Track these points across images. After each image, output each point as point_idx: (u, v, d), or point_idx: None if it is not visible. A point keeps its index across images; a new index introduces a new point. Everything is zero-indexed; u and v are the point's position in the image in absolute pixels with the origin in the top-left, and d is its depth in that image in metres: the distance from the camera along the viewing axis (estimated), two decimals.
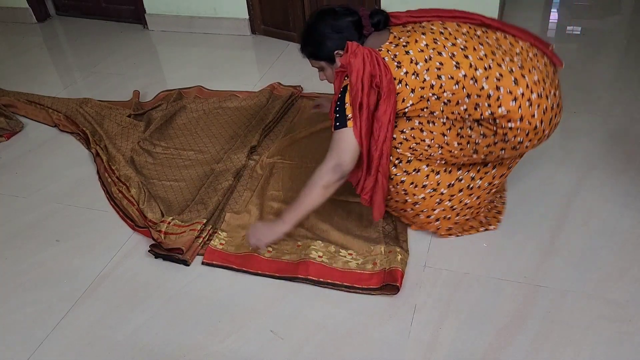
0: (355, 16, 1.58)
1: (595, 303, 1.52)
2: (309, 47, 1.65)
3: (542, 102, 1.52)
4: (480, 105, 1.49)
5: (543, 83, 1.53)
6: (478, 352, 1.42)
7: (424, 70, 1.49)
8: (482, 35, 1.57)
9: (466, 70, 1.48)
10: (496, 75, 1.48)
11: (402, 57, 1.49)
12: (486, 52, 1.51)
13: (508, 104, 1.48)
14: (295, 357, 1.45)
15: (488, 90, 1.48)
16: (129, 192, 2.03)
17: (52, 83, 3.00)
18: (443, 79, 1.48)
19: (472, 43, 1.52)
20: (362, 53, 1.49)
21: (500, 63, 1.50)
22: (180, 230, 1.82)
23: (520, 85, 1.49)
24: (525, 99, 1.49)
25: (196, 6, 3.45)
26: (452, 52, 1.49)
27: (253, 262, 1.72)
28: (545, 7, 3.60)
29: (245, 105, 2.58)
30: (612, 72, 2.72)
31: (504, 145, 1.55)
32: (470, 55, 1.49)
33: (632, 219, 1.79)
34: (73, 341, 1.54)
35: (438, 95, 1.50)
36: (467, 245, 1.75)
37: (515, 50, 1.56)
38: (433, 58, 1.48)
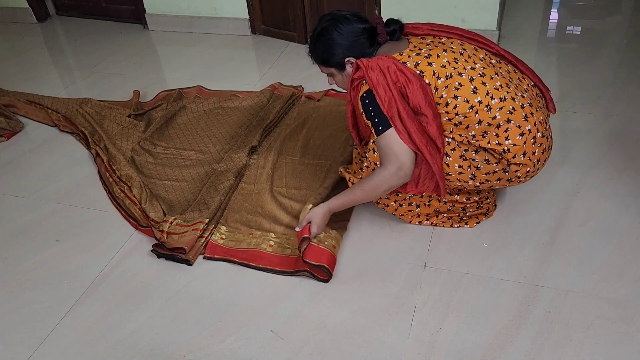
0: (367, 24, 1.56)
1: (596, 303, 1.52)
2: (318, 52, 1.62)
3: (544, 142, 1.55)
4: (488, 133, 1.50)
5: (545, 124, 1.56)
6: (478, 352, 1.42)
7: (443, 87, 1.48)
8: (497, 65, 1.58)
9: (482, 97, 1.48)
10: (509, 108, 1.49)
11: (424, 67, 1.48)
12: (502, 84, 1.51)
13: (515, 137, 1.50)
14: (296, 357, 1.45)
15: (499, 120, 1.49)
16: (131, 192, 2.03)
17: (52, 83, 3.00)
18: (459, 100, 1.48)
19: (489, 71, 1.52)
20: (377, 65, 1.46)
21: (514, 97, 1.51)
22: (182, 230, 1.82)
23: (529, 122, 1.51)
24: (532, 136, 1.52)
25: (196, 6, 3.45)
26: (471, 76, 1.49)
27: (255, 256, 1.74)
28: (545, 7, 3.60)
29: (246, 105, 2.58)
30: (612, 72, 2.72)
31: (502, 175, 1.58)
32: (487, 83, 1.50)
33: (632, 218, 1.79)
34: (73, 341, 1.54)
35: (450, 117, 1.50)
36: (467, 245, 1.75)
37: (523, 87, 1.58)
38: (453, 77, 1.48)
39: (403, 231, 1.82)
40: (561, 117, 2.36)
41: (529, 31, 3.22)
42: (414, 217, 1.80)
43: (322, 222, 1.66)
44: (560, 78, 2.69)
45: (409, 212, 1.78)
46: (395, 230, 1.83)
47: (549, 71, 2.75)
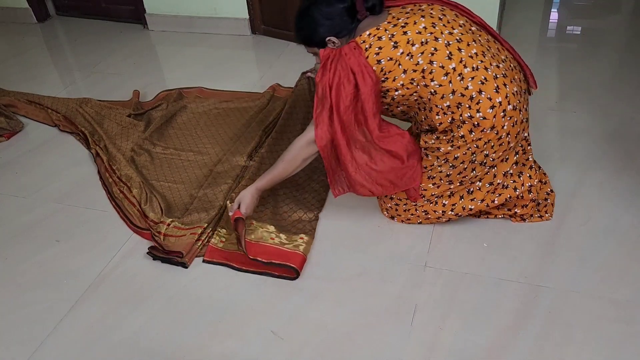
0: (347, 2, 1.57)
1: (596, 303, 1.52)
2: (301, 32, 1.65)
3: (515, 115, 1.55)
4: (462, 105, 1.51)
5: (519, 96, 1.56)
6: (479, 352, 1.42)
7: (419, 53, 1.50)
8: (476, 32, 1.58)
9: (456, 64, 1.50)
10: (481, 78, 1.50)
11: (399, 37, 1.51)
12: (477, 51, 1.52)
13: (486, 110, 1.51)
14: (296, 357, 1.45)
15: (472, 91, 1.50)
16: (130, 192, 2.03)
17: (52, 83, 3.00)
18: (435, 65, 1.50)
19: (467, 37, 1.53)
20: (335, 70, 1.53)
21: (488, 67, 1.51)
22: (180, 233, 1.82)
23: (500, 94, 1.51)
24: (502, 109, 1.52)
25: (196, 6, 3.45)
26: (447, 41, 1.51)
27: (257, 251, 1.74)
28: (545, 7, 3.60)
29: (246, 106, 2.58)
30: (611, 72, 2.72)
31: (473, 165, 1.62)
32: (463, 50, 1.51)
33: (633, 218, 1.79)
34: (73, 341, 1.54)
35: (426, 83, 1.52)
36: (467, 245, 1.75)
37: (501, 57, 1.58)
38: (429, 42, 1.50)
39: (403, 231, 1.82)
40: (561, 117, 2.36)
41: (529, 31, 3.22)
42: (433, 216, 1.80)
43: (251, 202, 1.74)
44: (560, 78, 2.69)
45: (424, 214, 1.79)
46: (395, 230, 1.82)
47: (549, 71, 2.75)
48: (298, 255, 1.70)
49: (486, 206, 1.74)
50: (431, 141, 1.62)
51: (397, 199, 1.79)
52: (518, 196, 1.73)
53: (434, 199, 1.74)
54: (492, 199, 1.73)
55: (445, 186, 1.70)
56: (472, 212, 1.75)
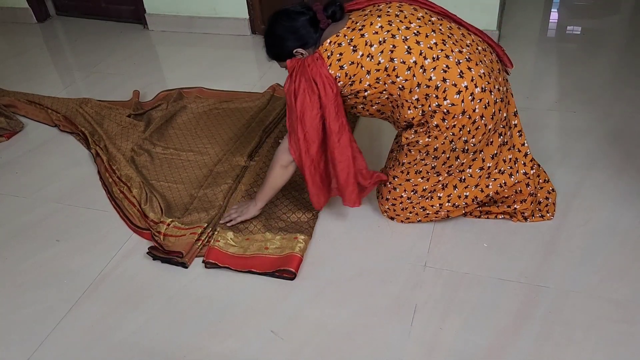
0: (310, 12, 1.61)
1: (596, 303, 1.52)
2: (270, 49, 1.70)
3: (485, 97, 1.54)
4: (430, 95, 1.53)
5: (488, 77, 1.56)
6: (479, 352, 1.42)
7: (378, 53, 1.52)
8: (437, 22, 1.59)
9: (416, 57, 1.51)
10: (443, 67, 1.51)
11: (357, 41, 1.53)
12: (437, 41, 1.53)
13: (452, 96, 1.52)
14: (296, 357, 1.45)
15: (436, 81, 1.51)
16: (130, 192, 2.03)
17: (52, 83, 3.00)
18: (396, 61, 1.52)
19: (425, 29, 1.55)
20: (299, 81, 1.56)
21: (449, 54, 1.53)
22: (180, 233, 1.82)
23: (465, 79, 1.52)
24: (469, 93, 1.52)
25: (196, 6, 3.45)
26: (405, 36, 1.52)
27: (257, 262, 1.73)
28: (545, 7, 3.60)
29: (246, 107, 2.58)
30: (611, 72, 2.72)
31: (455, 154, 1.62)
32: (421, 42, 1.52)
33: (633, 218, 1.79)
34: (73, 341, 1.54)
35: (393, 80, 1.54)
36: (467, 245, 1.75)
37: (466, 42, 1.59)
38: (387, 40, 1.52)
39: (403, 231, 1.82)
40: (561, 116, 2.36)
41: (529, 31, 3.22)
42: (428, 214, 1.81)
43: (249, 216, 1.85)
44: (560, 78, 2.69)
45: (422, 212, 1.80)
46: (395, 231, 1.82)
47: (548, 71, 2.75)
48: (294, 257, 1.69)
49: (481, 191, 1.73)
50: (411, 136, 1.64)
51: (392, 200, 1.79)
52: (514, 184, 1.73)
53: (427, 194, 1.74)
54: (487, 184, 1.73)
55: (434, 178, 1.71)
56: (468, 200, 1.75)
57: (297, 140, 1.62)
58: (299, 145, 1.62)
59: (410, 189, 1.75)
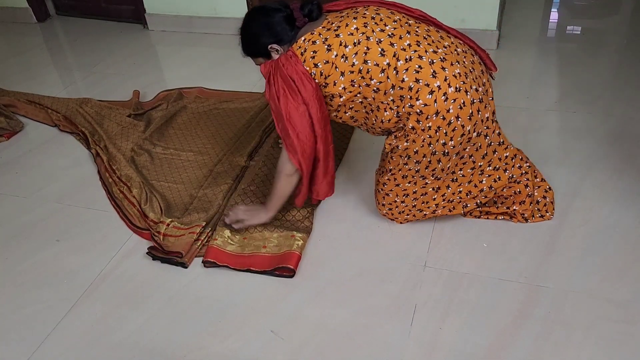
0: (287, 10, 1.61)
1: (596, 303, 1.52)
2: (245, 45, 1.70)
3: (460, 97, 1.52)
4: (404, 97, 1.53)
5: (464, 77, 1.53)
6: (478, 352, 1.42)
7: (353, 54, 1.52)
8: (413, 25, 1.59)
9: (390, 59, 1.51)
10: (415, 68, 1.51)
11: (332, 40, 1.53)
12: (410, 42, 1.53)
13: (425, 96, 1.51)
14: (296, 357, 1.45)
15: (409, 82, 1.51)
16: (130, 192, 2.03)
17: (52, 83, 3.00)
18: (369, 63, 1.51)
19: (400, 31, 1.54)
20: (277, 82, 1.57)
21: (422, 55, 1.52)
22: (179, 233, 1.82)
23: (438, 79, 1.51)
24: (442, 93, 1.51)
25: (196, 6, 3.45)
26: (379, 38, 1.52)
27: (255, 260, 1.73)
28: (545, 7, 3.60)
29: (246, 107, 2.58)
30: (611, 72, 2.72)
31: (436, 157, 1.61)
32: (395, 44, 1.52)
33: (633, 218, 1.79)
34: (73, 341, 1.54)
35: (367, 82, 1.54)
36: (467, 245, 1.75)
37: (443, 43, 1.58)
38: (361, 42, 1.52)
39: (403, 231, 1.82)
40: (561, 117, 2.36)
41: (529, 31, 3.22)
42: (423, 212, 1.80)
43: (257, 223, 1.81)
44: (560, 78, 2.69)
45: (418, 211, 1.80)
46: (395, 231, 1.83)
47: (548, 71, 2.75)
48: (293, 255, 1.70)
49: (474, 186, 1.74)
50: (393, 142, 1.64)
51: (388, 205, 1.79)
52: (509, 178, 1.74)
53: (419, 196, 1.74)
54: (480, 179, 1.73)
55: (420, 182, 1.70)
56: (462, 194, 1.75)
57: (291, 143, 1.60)
58: (295, 148, 1.60)
59: (401, 193, 1.74)
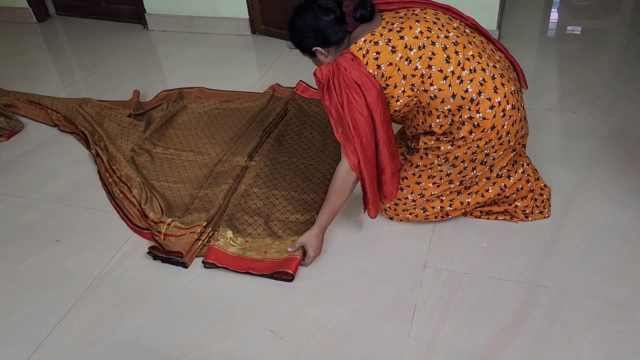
0: (337, 12, 1.54)
1: (596, 303, 1.52)
2: (292, 39, 1.65)
3: (514, 114, 1.55)
4: (463, 107, 1.52)
5: (517, 95, 1.57)
6: (478, 352, 1.42)
7: (417, 58, 1.49)
8: (470, 35, 1.59)
9: (454, 67, 1.50)
10: (480, 80, 1.50)
11: (396, 42, 1.50)
12: (474, 53, 1.52)
13: (486, 111, 1.51)
14: (296, 357, 1.45)
15: (472, 94, 1.50)
16: (130, 192, 2.03)
17: (52, 83, 3.00)
18: (433, 69, 1.49)
19: (462, 40, 1.53)
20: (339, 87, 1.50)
21: (485, 68, 1.52)
22: (180, 233, 1.82)
23: (499, 94, 1.51)
24: (501, 109, 1.52)
25: (196, 6, 3.45)
26: (444, 45, 1.50)
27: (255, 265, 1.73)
28: (545, 7, 3.60)
29: (247, 107, 2.58)
30: (612, 72, 2.72)
31: (474, 164, 1.62)
32: (460, 52, 1.51)
33: (632, 218, 1.79)
34: (73, 341, 1.54)
35: (426, 88, 1.52)
36: (467, 245, 1.75)
37: (496, 57, 1.58)
38: (426, 47, 1.50)
39: (403, 231, 1.82)
40: (561, 117, 2.36)
41: (529, 31, 3.22)
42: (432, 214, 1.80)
43: (318, 243, 1.69)
44: (560, 78, 2.68)
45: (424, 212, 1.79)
46: (395, 230, 1.83)
47: (549, 71, 2.75)
48: (293, 259, 1.68)
49: (481, 196, 1.74)
50: (431, 142, 1.62)
51: (396, 199, 1.79)
52: (514, 183, 1.74)
53: (433, 198, 1.74)
54: (486, 189, 1.74)
55: (445, 186, 1.70)
56: (470, 206, 1.75)
57: (354, 150, 1.55)
58: (357, 154, 1.55)
59: (418, 192, 1.74)
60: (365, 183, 1.62)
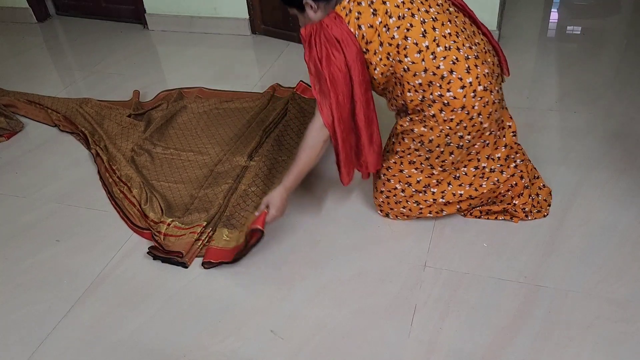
0: None
1: (596, 303, 1.52)
2: None
3: (486, 96, 1.55)
4: (433, 83, 1.52)
5: (491, 77, 1.57)
6: (478, 352, 1.42)
7: (395, 27, 1.51)
8: (453, 13, 1.59)
9: (430, 42, 1.51)
10: (453, 59, 1.51)
11: (378, 6, 1.52)
12: (451, 31, 1.53)
13: (456, 90, 1.52)
14: (295, 357, 1.45)
15: (443, 71, 1.51)
16: (130, 192, 2.03)
17: (52, 83, 3.00)
18: (409, 41, 1.51)
19: (442, 17, 1.54)
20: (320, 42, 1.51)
21: (460, 47, 1.52)
22: (180, 233, 1.82)
23: (471, 75, 1.52)
24: (472, 89, 1.53)
25: (196, 6, 3.45)
26: (423, 18, 1.52)
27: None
28: (545, 7, 3.60)
29: (247, 107, 2.58)
30: (612, 72, 2.72)
31: (450, 149, 1.62)
32: (437, 29, 1.52)
33: (632, 218, 1.79)
34: (73, 341, 1.54)
35: (400, 59, 1.53)
36: (467, 245, 1.75)
37: (475, 40, 1.59)
38: (406, 17, 1.51)
39: (403, 231, 1.82)
40: (561, 117, 2.36)
41: (529, 31, 3.22)
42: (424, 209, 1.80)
43: (282, 204, 1.69)
44: (560, 78, 2.68)
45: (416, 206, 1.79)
46: (395, 230, 1.83)
47: (549, 71, 2.75)
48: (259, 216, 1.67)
49: (475, 190, 1.74)
50: (406, 124, 1.64)
51: (387, 192, 1.79)
52: (508, 179, 1.74)
53: (421, 187, 1.75)
54: (480, 183, 1.74)
55: (427, 170, 1.71)
56: (463, 197, 1.75)
57: (329, 106, 1.56)
58: (332, 111, 1.57)
59: (404, 180, 1.75)
60: (338, 143, 1.62)
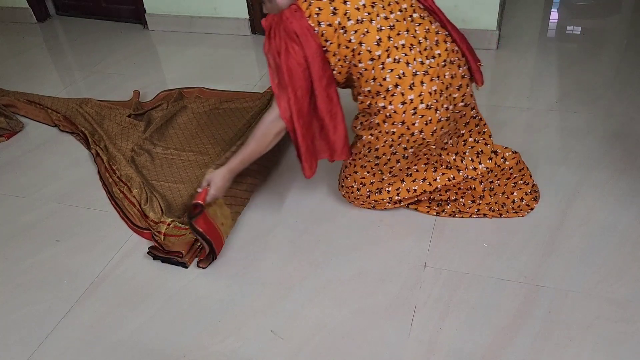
0: None
1: (596, 303, 1.52)
2: None
3: (429, 114, 1.54)
4: (379, 93, 1.53)
5: (438, 95, 1.54)
6: (478, 352, 1.42)
7: (352, 31, 1.50)
8: (416, 21, 1.55)
9: (382, 52, 1.50)
10: (399, 72, 1.50)
11: (338, 5, 1.49)
12: (405, 43, 1.51)
13: (397, 104, 1.52)
14: (295, 357, 1.45)
15: (389, 84, 1.51)
16: (130, 192, 2.03)
17: (52, 83, 3.00)
18: (363, 47, 1.50)
19: (400, 26, 1.52)
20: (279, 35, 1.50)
21: (410, 62, 1.50)
22: (180, 233, 1.82)
23: (414, 92, 1.51)
24: (412, 106, 1.52)
25: (196, 6, 3.45)
26: (380, 26, 1.50)
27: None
28: (545, 7, 3.60)
29: (247, 107, 2.58)
30: (612, 72, 2.72)
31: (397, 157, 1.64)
32: (392, 38, 1.50)
33: (633, 218, 1.79)
34: (73, 341, 1.54)
35: (355, 63, 1.53)
36: (467, 245, 1.75)
37: (434, 52, 1.55)
38: (364, 22, 1.50)
39: (403, 231, 1.82)
40: (561, 117, 2.36)
41: (529, 31, 3.22)
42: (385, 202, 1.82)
43: (222, 184, 1.69)
44: (560, 78, 2.69)
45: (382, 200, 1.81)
46: (395, 230, 1.83)
47: (549, 71, 2.75)
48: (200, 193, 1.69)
49: (429, 185, 1.76)
50: (357, 127, 1.65)
51: (346, 187, 1.82)
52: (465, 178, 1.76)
53: (374, 189, 1.77)
54: (434, 177, 1.75)
55: (378, 175, 1.73)
56: (417, 193, 1.78)
57: (287, 101, 1.54)
58: (290, 107, 1.54)
59: (359, 181, 1.77)
60: (298, 138, 1.60)
